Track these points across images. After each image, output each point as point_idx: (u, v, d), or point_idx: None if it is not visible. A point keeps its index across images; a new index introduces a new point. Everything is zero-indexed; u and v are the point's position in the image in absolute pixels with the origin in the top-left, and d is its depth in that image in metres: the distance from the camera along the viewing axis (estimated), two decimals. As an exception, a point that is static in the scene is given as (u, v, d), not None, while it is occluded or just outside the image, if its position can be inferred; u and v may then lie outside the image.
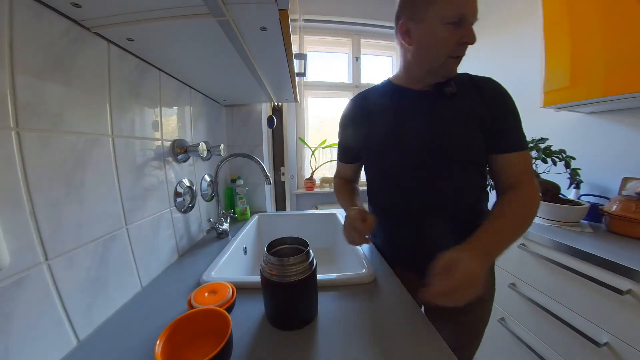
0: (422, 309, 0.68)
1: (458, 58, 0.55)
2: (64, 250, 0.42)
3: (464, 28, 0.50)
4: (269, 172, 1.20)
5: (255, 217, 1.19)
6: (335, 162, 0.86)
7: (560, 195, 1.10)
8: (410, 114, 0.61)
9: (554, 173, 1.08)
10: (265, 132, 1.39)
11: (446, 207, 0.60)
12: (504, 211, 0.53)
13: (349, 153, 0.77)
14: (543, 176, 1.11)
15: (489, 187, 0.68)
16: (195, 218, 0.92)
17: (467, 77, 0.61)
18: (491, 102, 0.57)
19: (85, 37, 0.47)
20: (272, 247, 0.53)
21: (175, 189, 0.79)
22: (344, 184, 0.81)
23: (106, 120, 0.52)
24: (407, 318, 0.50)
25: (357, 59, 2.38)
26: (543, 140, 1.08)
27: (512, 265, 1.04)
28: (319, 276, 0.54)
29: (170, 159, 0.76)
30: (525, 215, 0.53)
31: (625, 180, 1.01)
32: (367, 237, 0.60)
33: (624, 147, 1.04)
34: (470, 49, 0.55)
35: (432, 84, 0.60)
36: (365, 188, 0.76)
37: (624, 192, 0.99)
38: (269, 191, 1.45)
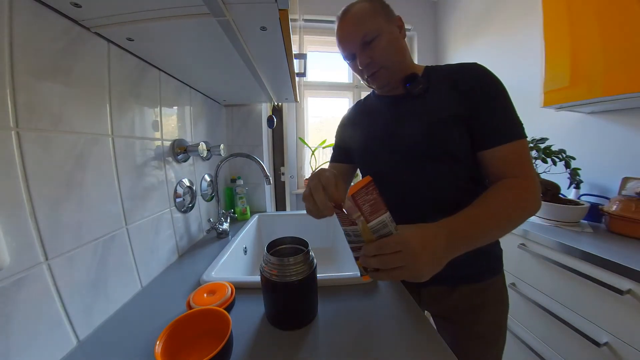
0: (431, 319, 0.66)
1: (370, 78, 0.60)
2: (64, 250, 0.42)
3: (356, 60, 0.58)
4: (269, 172, 1.20)
5: (255, 217, 1.19)
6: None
7: (560, 195, 1.10)
8: (377, 117, 0.67)
9: (554, 173, 1.08)
10: (265, 132, 1.39)
11: (420, 202, 0.59)
12: (485, 195, 0.47)
13: (335, 152, 0.80)
14: (543, 176, 1.11)
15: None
16: (195, 218, 0.92)
17: (446, 70, 0.59)
18: (466, 94, 0.53)
19: (85, 37, 0.47)
20: (272, 247, 0.53)
21: (175, 189, 0.79)
22: None
23: (106, 120, 0.52)
24: (407, 318, 0.50)
25: (357, 59, 2.37)
26: (543, 140, 1.08)
27: (512, 265, 1.04)
28: (319, 276, 0.54)
29: (170, 158, 0.76)
30: (512, 202, 0.46)
31: (625, 180, 1.01)
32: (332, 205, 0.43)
33: (624, 147, 1.04)
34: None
35: (402, 89, 0.62)
36: None
37: (624, 192, 0.99)
38: (269, 191, 1.45)
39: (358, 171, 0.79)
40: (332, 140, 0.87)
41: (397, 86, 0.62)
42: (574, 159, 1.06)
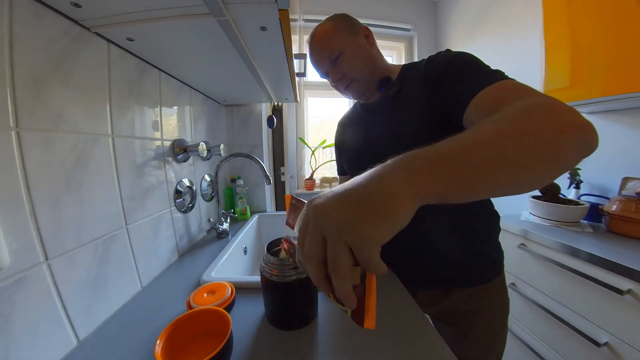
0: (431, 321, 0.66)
1: (347, 91, 0.64)
2: (64, 250, 0.42)
3: (329, 77, 0.63)
4: (269, 172, 1.20)
5: (255, 217, 1.19)
6: (335, 161, 0.87)
7: (560, 195, 1.10)
8: (363, 126, 0.69)
9: (554, 173, 1.08)
10: (265, 132, 1.39)
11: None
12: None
13: (338, 164, 0.86)
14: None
15: None
16: (195, 218, 0.92)
17: (418, 66, 0.57)
18: (437, 85, 0.50)
19: (85, 37, 0.47)
20: (272, 247, 0.53)
21: (175, 189, 0.79)
22: None
23: (106, 120, 0.52)
24: (408, 318, 0.50)
25: (357, 59, 2.37)
26: (543, 140, 1.08)
27: (512, 265, 1.04)
28: (319, 276, 0.54)
29: (170, 158, 0.76)
30: (511, 117, 0.28)
31: (625, 180, 1.01)
32: None
33: (624, 147, 1.04)
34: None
35: (377, 94, 0.63)
36: None
37: (624, 192, 0.99)
38: (269, 191, 1.45)
39: None
40: (332, 140, 0.88)
41: (375, 92, 0.63)
42: (574, 159, 1.06)
